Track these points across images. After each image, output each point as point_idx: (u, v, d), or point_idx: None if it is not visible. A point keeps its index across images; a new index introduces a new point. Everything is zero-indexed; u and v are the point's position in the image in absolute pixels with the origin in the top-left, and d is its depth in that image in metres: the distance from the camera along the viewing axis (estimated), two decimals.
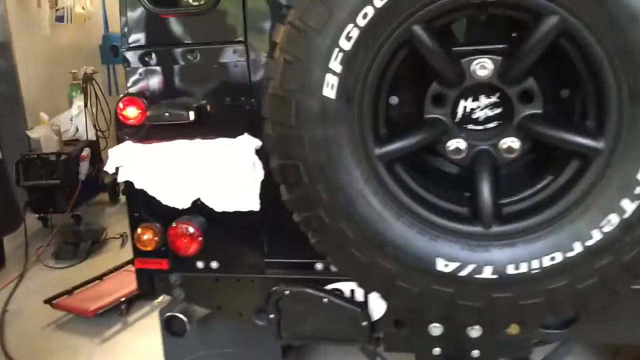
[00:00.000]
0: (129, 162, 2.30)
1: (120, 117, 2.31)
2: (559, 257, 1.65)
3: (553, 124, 1.69)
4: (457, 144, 1.75)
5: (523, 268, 1.67)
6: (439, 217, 1.74)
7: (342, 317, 2.28)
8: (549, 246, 1.65)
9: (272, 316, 2.32)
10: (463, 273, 1.71)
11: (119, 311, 4.40)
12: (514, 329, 2.18)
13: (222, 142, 2.24)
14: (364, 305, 2.25)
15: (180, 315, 2.49)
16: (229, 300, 2.45)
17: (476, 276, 1.70)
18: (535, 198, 1.72)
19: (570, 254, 1.64)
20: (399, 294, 1.79)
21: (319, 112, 1.68)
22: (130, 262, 4.99)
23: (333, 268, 2.28)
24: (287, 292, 2.27)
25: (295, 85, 1.67)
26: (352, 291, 2.28)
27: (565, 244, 1.64)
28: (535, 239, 1.67)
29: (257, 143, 2.21)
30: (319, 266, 2.30)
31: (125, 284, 4.65)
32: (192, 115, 2.20)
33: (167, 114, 2.22)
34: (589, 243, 1.62)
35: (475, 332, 2.18)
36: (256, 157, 2.21)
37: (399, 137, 1.75)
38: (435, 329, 2.22)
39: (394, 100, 1.81)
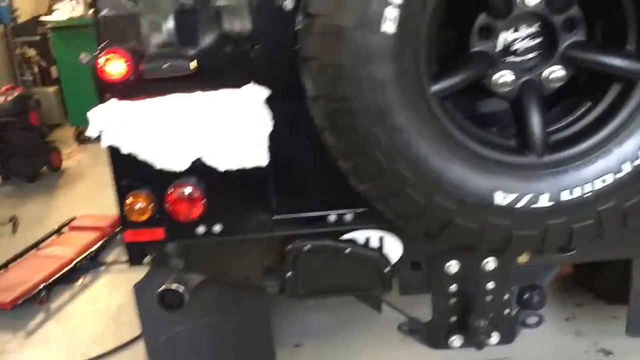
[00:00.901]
0: (115, 123, 2.06)
1: (101, 74, 2.05)
2: (609, 178, 1.71)
3: (596, 50, 1.73)
4: (504, 76, 1.75)
5: (576, 193, 1.72)
6: (493, 151, 1.73)
7: (363, 266, 2.24)
8: (600, 169, 1.71)
9: (289, 274, 2.22)
10: (520, 204, 1.73)
11: (39, 299, 4.02)
12: (523, 258, 2.27)
13: (227, 93, 2.06)
14: (383, 251, 2.22)
15: (177, 287, 2.30)
16: (234, 265, 2.31)
17: (532, 206, 1.73)
18: (583, 124, 1.77)
19: (620, 175, 1.71)
20: (455, 232, 1.78)
21: (378, 49, 1.59)
22: (36, 245, 4.58)
23: (348, 218, 2.22)
24: (307, 248, 2.18)
25: (351, 21, 1.56)
26: (367, 239, 2.24)
27: (615, 165, 1.71)
28: (586, 163, 1.72)
29: (265, 93, 2.06)
30: (332, 218, 2.22)
31: (37, 269, 4.27)
32: (193, 65, 2.00)
33: (166, 66, 1.99)
34: (638, 162, 1.70)
35: (490, 264, 2.23)
36: (265, 108, 2.07)
37: (450, 73, 1.71)
38: (452, 267, 2.24)
39: (443, 35, 1.76)
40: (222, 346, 2.72)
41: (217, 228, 2.20)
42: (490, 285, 2.26)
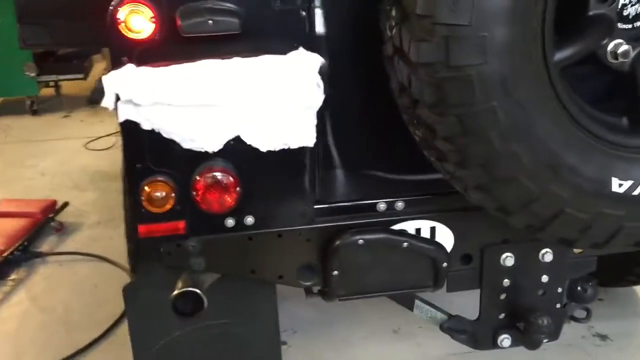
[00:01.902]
0: (134, 93, 1.66)
1: (121, 30, 1.64)
2: None
3: None
4: (621, 45, 1.53)
5: None
6: (608, 132, 1.52)
7: (418, 261, 1.97)
8: None
9: (336, 273, 1.91)
10: (636, 192, 1.54)
11: None
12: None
13: (275, 60, 1.72)
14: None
15: (195, 290, 1.94)
16: (266, 262, 1.97)
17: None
18: None
19: None
20: (562, 225, 1.55)
21: (505, 6, 1.32)
22: None
23: (399, 206, 1.95)
24: (360, 242, 1.88)
25: None
26: (418, 230, 1.98)
27: None
28: None
29: (320, 60, 1.73)
30: (381, 206, 1.94)
31: None
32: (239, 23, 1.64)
33: (210, 22, 1.62)
34: None
35: (548, 256, 2.04)
36: (319, 78, 1.74)
37: (571, 40, 1.47)
38: (508, 259, 2.04)
39: None
40: (225, 352, 2.38)
41: (250, 220, 1.86)
42: (545, 278, 2.08)
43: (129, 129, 1.72)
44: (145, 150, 1.76)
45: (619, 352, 2.96)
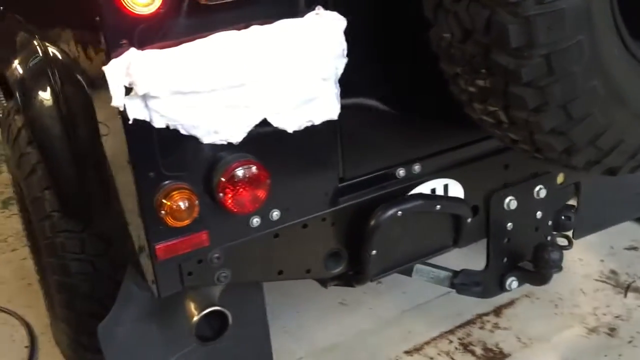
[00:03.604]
0: (148, 84, 1.31)
1: (122, 5, 1.27)
2: None
3: None
4: None
5: None
6: None
7: (446, 221, 1.88)
8: None
9: (374, 252, 1.75)
10: None
11: None
12: (560, 178, 2.17)
13: (294, 24, 1.47)
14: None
15: (221, 308, 1.66)
16: (293, 259, 1.73)
17: None
18: None
19: None
20: (619, 154, 1.56)
21: None
22: None
23: (416, 169, 1.83)
24: (399, 214, 1.73)
25: None
26: (434, 190, 1.88)
27: None
28: None
29: (343, 20, 1.52)
30: (401, 172, 1.81)
31: None
32: None
33: None
34: None
35: (542, 192, 2.08)
36: (344, 42, 1.53)
37: None
38: (512, 202, 2.03)
39: None
40: None
41: (276, 214, 1.62)
42: (539, 214, 2.11)
43: (137, 130, 1.37)
44: (157, 154, 1.42)
45: None
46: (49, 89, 1.92)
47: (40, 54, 1.90)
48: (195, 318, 1.63)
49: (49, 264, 2.20)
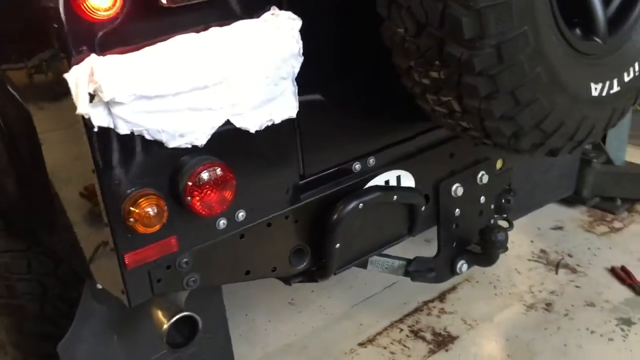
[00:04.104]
0: (113, 89, 1.29)
1: (81, 11, 1.25)
2: None
3: None
4: None
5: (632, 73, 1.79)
6: (580, 43, 1.66)
7: (401, 211, 1.94)
8: None
9: (338, 245, 1.78)
10: (604, 92, 1.72)
11: None
12: (499, 163, 2.29)
13: (252, 25, 1.49)
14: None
15: (190, 314, 1.64)
16: (259, 257, 1.74)
17: (606, 93, 1.74)
18: None
19: None
20: (560, 135, 1.67)
21: None
22: None
23: (371, 163, 1.89)
24: (360, 206, 1.77)
25: None
26: (387, 181, 1.94)
27: None
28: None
29: (298, 19, 1.55)
30: (357, 167, 1.85)
31: None
32: None
33: None
34: None
35: (484, 177, 2.19)
36: (299, 41, 1.56)
37: None
38: (458, 189, 2.13)
39: None
40: None
41: (241, 215, 1.62)
42: (482, 199, 2.22)
43: (101, 138, 1.35)
44: (121, 161, 1.40)
45: None
46: None
47: None
48: (166, 325, 1.61)
49: None
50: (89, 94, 1.27)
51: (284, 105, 1.59)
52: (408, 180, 1.99)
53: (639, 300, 2.91)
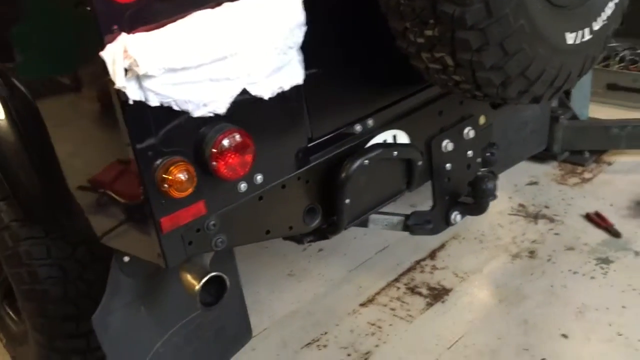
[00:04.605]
0: (146, 64, 1.40)
1: None
2: None
3: None
4: None
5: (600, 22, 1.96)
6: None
7: (401, 166, 2.09)
8: None
9: (348, 201, 1.92)
10: (578, 40, 1.89)
11: None
12: (482, 119, 2.46)
13: None
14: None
15: (219, 274, 1.77)
16: (276, 218, 1.87)
17: (580, 41, 1.91)
18: None
19: None
20: (542, 82, 1.83)
21: None
22: None
23: (370, 124, 2.03)
24: (366, 162, 1.91)
25: None
26: (385, 140, 2.08)
27: None
28: None
29: None
30: (358, 128, 1.99)
31: None
32: None
33: None
34: None
35: (470, 132, 2.34)
36: (303, 10, 1.69)
37: None
38: (448, 144, 2.28)
39: None
40: (205, 344, 2.21)
41: (259, 178, 1.75)
42: (470, 153, 2.38)
43: (134, 111, 1.46)
44: (152, 132, 1.51)
45: None
46: None
47: None
48: (198, 286, 1.72)
49: (14, 275, 2.18)
50: (125, 69, 1.38)
51: (292, 72, 1.72)
52: (403, 138, 2.13)
53: (614, 241, 3.13)
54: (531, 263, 3.07)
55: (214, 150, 1.59)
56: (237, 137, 1.61)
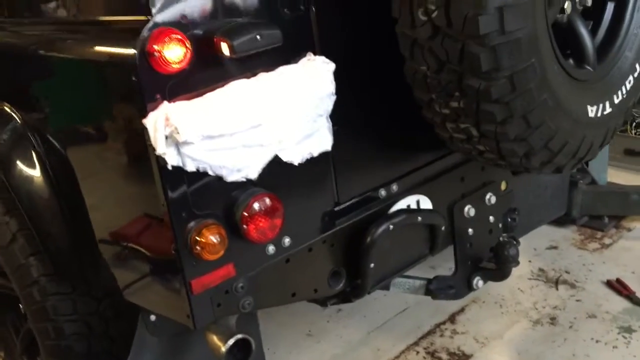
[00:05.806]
0: (185, 131, 1.47)
1: (156, 64, 1.43)
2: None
3: None
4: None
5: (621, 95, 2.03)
6: (575, 71, 1.89)
7: (424, 231, 2.13)
8: None
9: (372, 265, 1.95)
10: (599, 114, 1.95)
11: None
12: (503, 185, 2.50)
13: (293, 69, 1.68)
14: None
15: (245, 336, 1.79)
16: (302, 281, 1.90)
17: (600, 114, 1.97)
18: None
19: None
20: (564, 154, 1.87)
21: None
22: None
23: (394, 189, 2.07)
24: (390, 227, 1.95)
25: None
26: (408, 205, 2.13)
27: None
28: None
29: (332, 63, 1.75)
30: (382, 193, 2.04)
31: None
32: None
33: (258, 38, 1.51)
34: None
35: (492, 198, 2.39)
36: (333, 82, 1.76)
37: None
38: (470, 210, 2.32)
39: None
40: None
41: (287, 241, 1.79)
42: (491, 218, 2.41)
43: (172, 175, 1.52)
44: (188, 195, 1.56)
45: None
46: (33, 154, 2.00)
47: (18, 120, 2.00)
48: (224, 348, 1.75)
49: (40, 330, 2.21)
50: (165, 136, 1.45)
51: (321, 139, 1.78)
52: (426, 203, 2.17)
53: (636, 310, 3.10)
54: (552, 330, 3.04)
55: (245, 213, 1.63)
56: (268, 201, 1.66)
